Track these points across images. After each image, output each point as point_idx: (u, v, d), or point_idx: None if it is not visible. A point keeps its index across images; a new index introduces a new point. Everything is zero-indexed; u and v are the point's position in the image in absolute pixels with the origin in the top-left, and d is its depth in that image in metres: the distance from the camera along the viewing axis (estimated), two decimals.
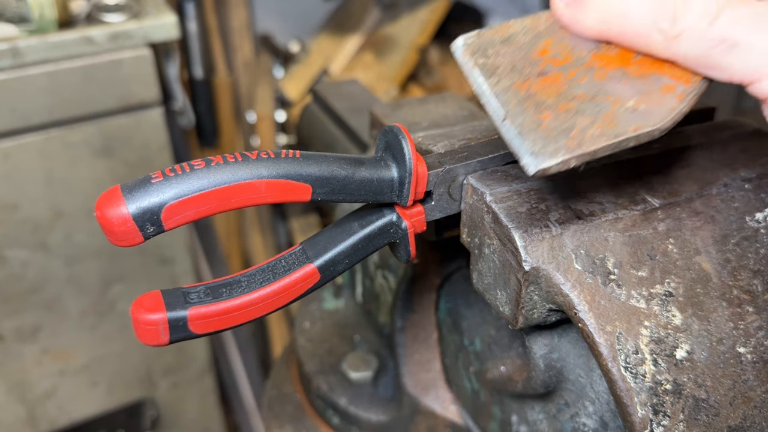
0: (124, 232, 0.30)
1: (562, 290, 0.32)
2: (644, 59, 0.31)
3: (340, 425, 0.54)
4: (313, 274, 0.34)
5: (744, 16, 0.30)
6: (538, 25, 0.34)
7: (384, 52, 1.57)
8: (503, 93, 0.31)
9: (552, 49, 0.32)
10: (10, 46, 0.96)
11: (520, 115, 0.30)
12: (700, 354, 0.32)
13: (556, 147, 0.28)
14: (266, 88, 1.57)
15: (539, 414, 0.42)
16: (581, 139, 0.29)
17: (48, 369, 1.21)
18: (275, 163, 0.32)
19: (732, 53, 0.30)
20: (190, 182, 0.30)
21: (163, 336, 0.32)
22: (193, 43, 1.48)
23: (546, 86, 0.31)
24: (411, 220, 0.35)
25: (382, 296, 0.54)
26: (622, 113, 0.29)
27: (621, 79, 0.31)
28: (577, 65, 0.32)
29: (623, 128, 0.29)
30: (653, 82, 0.31)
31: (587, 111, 0.30)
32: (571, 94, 0.30)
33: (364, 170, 0.33)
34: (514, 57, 0.32)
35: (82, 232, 1.14)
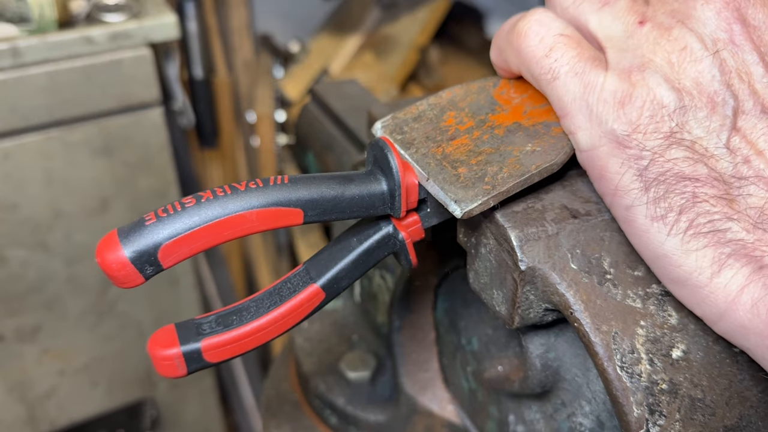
0: (124, 275, 0.30)
1: (558, 290, 0.32)
2: (532, 112, 0.37)
3: (337, 425, 0.54)
4: (317, 294, 0.35)
5: (570, 57, 0.33)
6: (441, 101, 0.39)
7: (384, 52, 1.57)
8: (422, 158, 0.36)
9: (456, 118, 0.38)
10: (10, 46, 0.96)
11: (440, 173, 0.35)
12: (696, 353, 0.32)
13: (475, 192, 0.33)
14: (266, 88, 1.57)
15: (536, 414, 0.42)
16: (494, 183, 0.33)
17: (48, 369, 1.21)
18: (264, 191, 0.32)
19: (552, 85, 0.33)
20: (182, 221, 0.31)
21: (181, 369, 0.33)
22: (193, 43, 1.48)
23: (457, 147, 0.36)
24: (407, 230, 0.36)
25: (380, 296, 0.54)
26: (523, 156, 0.34)
27: (517, 131, 0.36)
28: (479, 127, 0.37)
29: (527, 168, 0.33)
30: (544, 127, 0.35)
31: (495, 160, 0.34)
32: (479, 150, 0.35)
33: (354, 187, 0.34)
34: (426, 129, 0.38)
35: (82, 232, 1.14)
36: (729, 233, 0.29)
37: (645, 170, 0.30)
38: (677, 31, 0.31)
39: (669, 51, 0.31)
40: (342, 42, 1.63)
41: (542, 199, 0.35)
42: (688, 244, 0.29)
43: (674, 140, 0.30)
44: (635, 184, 0.31)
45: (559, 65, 0.33)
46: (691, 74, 0.31)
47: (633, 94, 0.31)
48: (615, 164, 0.31)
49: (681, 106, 0.30)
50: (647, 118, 0.30)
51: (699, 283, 0.30)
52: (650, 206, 0.30)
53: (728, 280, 0.29)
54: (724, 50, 0.31)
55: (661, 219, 0.30)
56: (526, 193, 0.35)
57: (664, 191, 0.30)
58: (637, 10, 0.33)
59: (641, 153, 0.30)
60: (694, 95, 0.30)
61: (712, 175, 0.30)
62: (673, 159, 0.30)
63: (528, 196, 0.35)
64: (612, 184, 0.32)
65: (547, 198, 0.35)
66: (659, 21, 0.32)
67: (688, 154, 0.30)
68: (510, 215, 0.34)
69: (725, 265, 0.29)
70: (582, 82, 0.32)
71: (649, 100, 0.30)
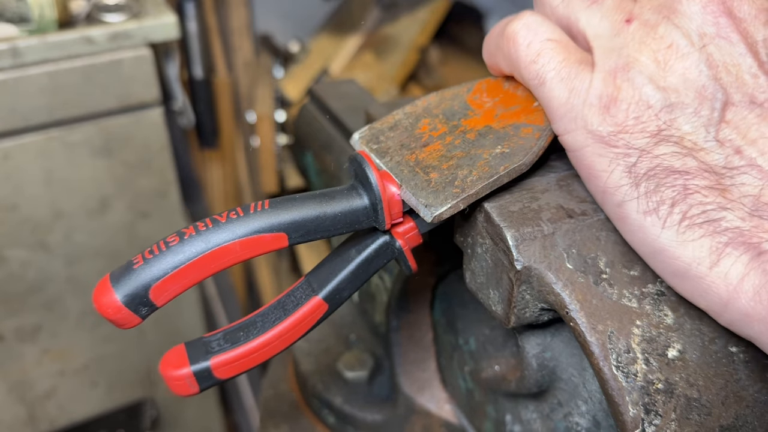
0: (121, 318, 0.32)
1: (554, 289, 0.32)
2: (503, 114, 0.37)
3: (335, 424, 0.54)
4: (320, 306, 0.35)
5: (557, 62, 0.33)
6: (416, 110, 0.40)
7: (384, 52, 1.57)
8: (396, 166, 0.36)
9: (430, 125, 0.39)
10: (10, 46, 0.96)
11: (413, 179, 0.35)
12: (692, 353, 0.32)
13: (445, 196, 0.34)
14: (266, 88, 1.57)
15: (533, 413, 0.42)
16: (463, 186, 0.34)
17: (48, 369, 1.21)
18: (245, 220, 0.32)
19: (540, 90, 0.34)
20: (167, 260, 0.31)
21: (192, 387, 0.34)
22: (193, 43, 1.48)
23: (429, 153, 0.37)
24: (404, 238, 0.36)
25: (378, 296, 0.54)
26: (492, 159, 0.35)
27: (488, 134, 0.36)
28: (452, 132, 0.38)
29: (495, 170, 0.34)
30: (513, 129, 0.36)
31: (465, 164, 0.35)
32: (450, 155, 0.36)
33: (336, 204, 0.34)
34: (401, 137, 0.38)
35: (82, 232, 1.14)
36: (724, 222, 0.29)
37: (634, 166, 0.31)
38: (663, 27, 0.31)
39: (655, 49, 0.31)
40: (342, 42, 1.63)
41: (538, 199, 0.35)
42: (684, 235, 0.29)
43: (662, 137, 0.30)
44: (625, 180, 0.31)
45: (545, 71, 0.33)
46: (678, 71, 0.31)
47: (618, 96, 0.31)
48: (603, 163, 0.31)
49: (667, 104, 0.30)
50: (633, 119, 0.31)
51: (699, 273, 0.29)
52: (641, 201, 0.30)
53: (728, 269, 0.29)
54: (711, 44, 0.31)
55: (653, 212, 0.30)
56: (522, 193, 0.35)
57: (655, 185, 0.30)
58: (624, 7, 0.33)
59: (628, 151, 0.31)
60: (681, 92, 0.30)
61: (702, 167, 0.30)
62: (662, 155, 0.30)
63: (524, 196, 0.35)
64: (601, 182, 0.32)
65: (543, 198, 0.35)
66: (645, 18, 0.32)
67: (676, 149, 0.30)
68: (506, 215, 0.34)
69: (723, 254, 0.29)
70: (568, 87, 0.32)
71: (634, 102, 0.31)
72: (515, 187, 0.36)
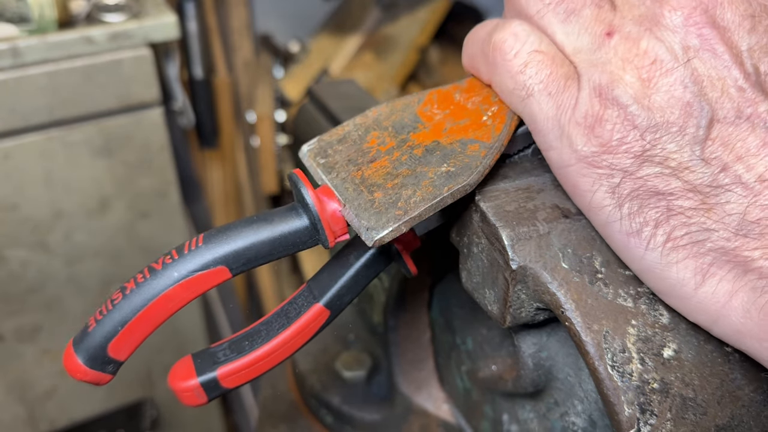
0: (91, 379, 0.33)
1: (549, 289, 0.32)
2: (452, 129, 0.36)
3: (333, 424, 0.54)
4: (322, 313, 0.36)
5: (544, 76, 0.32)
6: (366, 121, 0.39)
7: (384, 52, 1.57)
8: (341, 183, 0.35)
9: (378, 139, 0.37)
10: (10, 46, 0.96)
11: (356, 198, 0.34)
12: (688, 353, 0.32)
13: (387, 219, 0.32)
14: (266, 88, 1.57)
15: (530, 413, 0.42)
16: (407, 208, 0.33)
17: (48, 369, 1.21)
18: (180, 263, 0.32)
19: (525, 103, 0.33)
20: (114, 318, 0.32)
21: (200, 398, 0.35)
22: (193, 43, 1.48)
23: (376, 170, 0.35)
24: (402, 242, 0.36)
25: (376, 296, 0.54)
26: (437, 178, 0.34)
27: (435, 150, 0.35)
28: (400, 147, 0.36)
29: (439, 190, 0.33)
30: (461, 146, 0.35)
31: (409, 183, 0.34)
32: (396, 172, 0.35)
33: (275, 227, 0.33)
34: (349, 152, 0.37)
35: (82, 232, 1.15)
36: (708, 242, 0.29)
37: (617, 187, 0.30)
38: (645, 42, 0.30)
39: (639, 66, 0.30)
40: (342, 42, 1.63)
41: (534, 199, 0.35)
42: (668, 257, 0.29)
43: (646, 158, 0.30)
44: (608, 201, 0.30)
45: (532, 83, 0.32)
46: (662, 88, 0.30)
47: (603, 116, 0.30)
48: (586, 183, 0.31)
49: (652, 125, 0.29)
50: (617, 140, 0.30)
51: (684, 294, 0.30)
52: (625, 222, 0.30)
53: (714, 288, 0.29)
54: (695, 58, 0.30)
55: (636, 234, 0.30)
56: (517, 193, 0.35)
57: (638, 206, 0.30)
58: (603, 18, 0.32)
59: (612, 172, 0.30)
60: (666, 110, 0.29)
61: (686, 188, 0.29)
62: (646, 176, 0.30)
63: (520, 195, 0.35)
64: (585, 201, 0.31)
65: (539, 197, 0.35)
66: (627, 31, 0.31)
67: (660, 169, 0.29)
68: (502, 214, 0.34)
69: (708, 274, 0.29)
70: (555, 103, 0.32)
71: (619, 122, 0.30)
72: (511, 186, 0.36)
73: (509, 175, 0.36)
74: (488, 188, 0.35)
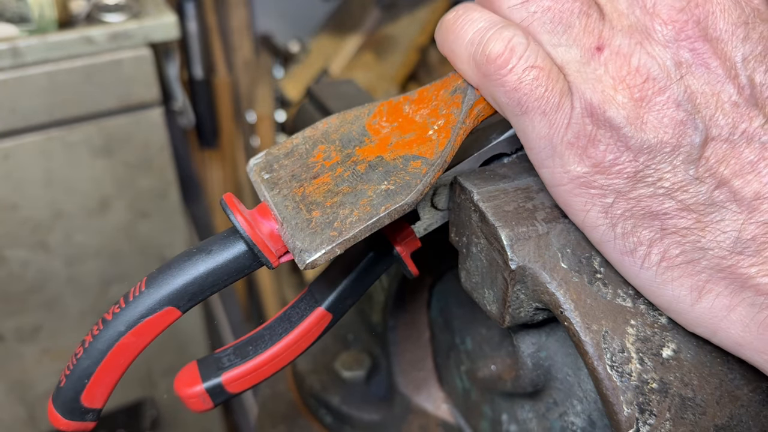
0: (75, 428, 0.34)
1: (548, 289, 0.32)
2: (398, 143, 0.34)
3: (332, 424, 0.54)
4: (324, 316, 0.36)
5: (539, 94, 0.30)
6: (315, 134, 0.37)
7: (384, 52, 1.57)
8: (282, 201, 0.34)
9: (324, 153, 0.36)
10: (10, 46, 0.96)
11: (294, 217, 0.33)
12: (687, 353, 0.32)
13: (321, 240, 0.31)
14: (266, 88, 1.58)
15: (529, 413, 0.42)
16: (342, 229, 0.32)
17: (48, 369, 1.21)
18: (128, 310, 0.33)
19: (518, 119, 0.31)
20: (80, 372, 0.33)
21: (206, 403, 0.35)
22: (193, 43, 1.48)
23: (317, 187, 0.34)
24: (402, 244, 0.36)
25: (375, 296, 0.54)
26: (376, 197, 0.32)
27: (378, 166, 0.34)
28: (344, 162, 0.35)
29: (376, 210, 0.32)
30: (403, 162, 0.33)
31: (348, 202, 0.33)
32: (337, 190, 0.33)
33: (215, 258, 0.33)
34: (294, 166, 0.36)
35: (82, 232, 1.15)
36: (703, 261, 0.29)
37: (610, 207, 0.30)
38: (637, 58, 0.29)
39: (631, 85, 0.29)
40: (342, 42, 1.63)
41: (533, 199, 0.35)
42: (663, 276, 0.29)
43: (639, 179, 0.29)
44: (601, 221, 0.30)
45: (528, 101, 0.30)
46: (655, 108, 0.29)
47: (596, 137, 0.29)
48: (579, 203, 0.30)
49: (645, 146, 0.29)
50: (610, 161, 0.29)
51: (681, 309, 0.30)
52: (618, 242, 0.30)
53: (711, 303, 0.29)
54: (688, 74, 0.29)
55: (631, 254, 0.30)
56: (517, 193, 0.35)
57: (632, 226, 0.29)
58: (592, 29, 0.30)
59: (605, 192, 0.29)
60: (659, 131, 0.29)
61: (680, 207, 0.29)
62: (638, 196, 0.29)
63: (519, 195, 0.35)
64: (579, 220, 0.31)
65: (538, 197, 0.35)
66: (617, 45, 0.29)
67: (653, 190, 0.29)
68: (501, 214, 0.34)
69: (705, 291, 0.29)
70: (548, 122, 0.30)
71: (612, 143, 0.29)
72: (510, 186, 0.36)
73: (508, 175, 0.36)
74: (487, 188, 0.35)
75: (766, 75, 0.29)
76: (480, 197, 0.35)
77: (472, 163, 0.37)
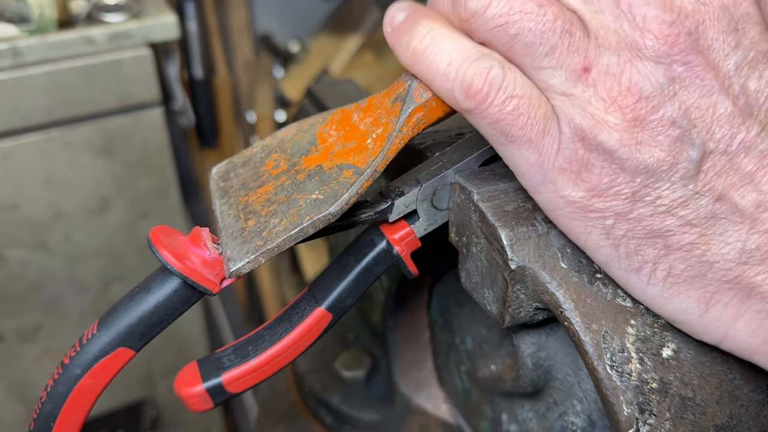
0: None
1: (548, 289, 0.32)
2: (339, 152, 0.34)
3: (332, 424, 0.54)
4: (324, 316, 0.36)
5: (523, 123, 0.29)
6: (272, 143, 0.37)
7: (384, 52, 1.57)
8: (227, 209, 0.34)
9: (275, 162, 0.36)
10: (10, 46, 0.96)
11: (232, 226, 0.33)
12: (687, 352, 0.32)
13: (248, 249, 0.31)
14: (266, 88, 1.58)
15: (529, 413, 0.42)
16: (268, 238, 0.31)
17: (48, 369, 1.21)
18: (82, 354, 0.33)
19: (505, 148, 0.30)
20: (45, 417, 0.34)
21: (206, 403, 0.35)
22: (193, 43, 1.48)
23: (260, 196, 0.34)
24: (401, 244, 0.36)
25: (375, 295, 0.54)
26: (305, 206, 0.32)
27: (315, 175, 0.34)
28: (288, 171, 0.35)
29: (301, 219, 0.32)
30: (337, 171, 0.33)
31: (281, 211, 0.32)
32: (275, 199, 0.33)
33: (154, 295, 0.33)
34: (246, 175, 0.36)
35: (82, 232, 1.15)
36: (709, 273, 0.29)
37: (612, 229, 0.29)
38: (628, 77, 0.27)
39: (623, 106, 0.28)
40: (342, 42, 1.63)
41: (533, 199, 0.35)
42: (670, 291, 0.29)
43: (638, 198, 0.28)
44: (603, 242, 0.30)
45: (511, 130, 0.29)
46: (650, 127, 0.28)
47: (589, 161, 0.28)
48: (578, 226, 0.30)
49: (642, 167, 0.28)
50: (606, 184, 0.28)
51: (689, 320, 0.30)
52: (623, 261, 0.30)
53: (719, 313, 0.29)
54: (682, 89, 0.28)
55: (636, 272, 0.30)
56: (517, 193, 0.35)
57: (635, 246, 0.29)
58: (577, 48, 0.28)
59: (604, 215, 0.29)
60: (655, 150, 0.28)
61: (682, 223, 0.28)
62: (639, 216, 0.29)
63: (519, 195, 0.35)
64: (580, 242, 0.31)
65: None
66: (605, 64, 0.28)
67: (653, 209, 0.28)
68: (501, 214, 0.34)
69: (712, 302, 0.29)
70: (536, 149, 0.29)
71: (606, 166, 0.28)
72: (510, 186, 0.36)
73: (508, 175, 0.36)
74: (487, 188, 0.35)
75: (759, 81, 0.28)
76: (480, 197, 0.35)
77: (472, 163, 0.37)
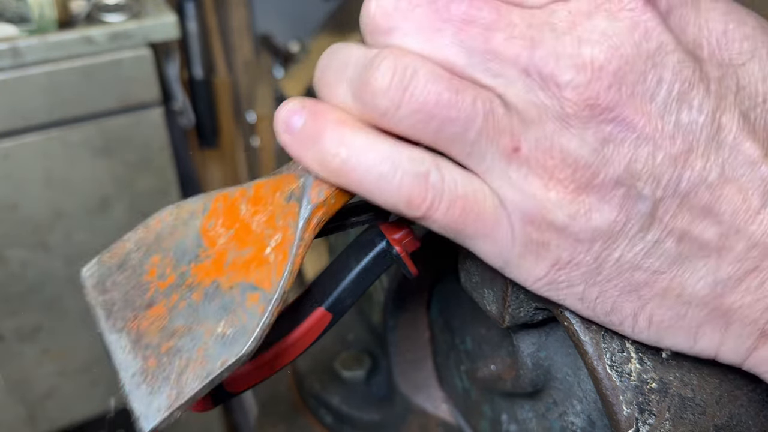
0: None
1: None
2: (234, 262, 0.29)
3: (332, 424, 0.54)
4: (324, 316, 0.36)
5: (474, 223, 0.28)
6: (148, 237, 0.31)
7: None
8: (117, 339, 0.29)
9: (159, 268, 0.30)
10: (10, 46, 0.97)
11: (131, 366, 0.28)
12: None
13: (159, 403, 0.27)
14: (266, 88, 1.58)
15: (528, 413, 0.42)
16: (180, 388, 0.27)
17: (48, 369, 1.21)
18: None
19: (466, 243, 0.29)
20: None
21: (207, 404, 0.35)
22: (193, 43, 1.48)
23: (152, 321, 0.29)
24: (401, 244, 0.36)
25: (375, 295, 0.54)
26: (212, 344, 0.28)
27: (214, 297, 0.29)
28: (178, 285, 0.29)
29: (212, 365, 0.27)
30: (241, 293, 0.28)
31: (184, 348, 0.28)
32: (172, 328, 0.28)
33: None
34: (127, 286, 0.30)
35: (82, 232, 1.15)
36: (689, 312, 0.29)
37: (584, 294, 0.29)
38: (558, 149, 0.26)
39: (562, 179, 0.26)
40: (342, 42, 1.63)
41: None
42: (657, 334, 0.30)
43: (600, 262, 0.28)
44: (579, 306, 0.30)
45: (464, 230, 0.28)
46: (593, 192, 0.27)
47: (544, 242, 0.28)
48: (552, 296, 0.30)
49: (596, 234, 0.27)
50: (566, 258, 0.28)
51: (682, 350, 0.31)
52: (604, 319, 0.30)
53: (707, 343, 0.30)
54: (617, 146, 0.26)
55: (619, 325, 0.30)
56: None
57: (612, 305, 0.29)
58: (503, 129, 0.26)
59: (572, 284, 0.29)
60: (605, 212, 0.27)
61: (650, 273, 0.28)
62: (607, 277, 0.28)
63: None
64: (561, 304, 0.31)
65: None
66: (533, 140, 0.26)
67: (618, 268, 0.28)
68: None
69: (699, 335, 0.30)
70: (491, 241, 0.28)
71: (562, 242, 0.27)
72: None
73: None
74: None
75: (691, 112, 0.26)
76: None
77: None
